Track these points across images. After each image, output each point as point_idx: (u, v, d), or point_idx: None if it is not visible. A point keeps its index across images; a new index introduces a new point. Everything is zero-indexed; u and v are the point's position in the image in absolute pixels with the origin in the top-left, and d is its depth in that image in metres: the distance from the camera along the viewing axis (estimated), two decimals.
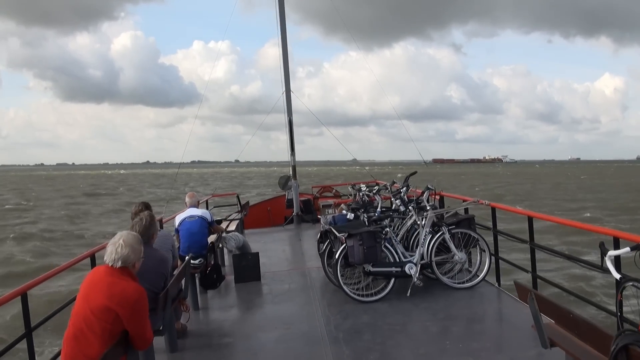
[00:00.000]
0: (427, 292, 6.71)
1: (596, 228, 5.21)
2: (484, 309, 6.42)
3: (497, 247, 7.18)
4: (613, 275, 4.13)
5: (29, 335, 4.50)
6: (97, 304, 3.39)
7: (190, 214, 7.47)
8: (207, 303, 7.23)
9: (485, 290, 6.81)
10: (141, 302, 3.53)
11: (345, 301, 6.59)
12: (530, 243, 6.30)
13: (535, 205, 35.28)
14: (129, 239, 3.67)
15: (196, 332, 5.98)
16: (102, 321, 3.37)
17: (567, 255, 5.79)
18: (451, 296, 6.60)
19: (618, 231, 4.74)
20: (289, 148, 13.96)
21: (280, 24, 13.24)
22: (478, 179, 78.92)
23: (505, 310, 6.27)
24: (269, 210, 15.54)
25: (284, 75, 13.43)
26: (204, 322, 6.46)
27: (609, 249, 4.26)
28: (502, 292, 6.74)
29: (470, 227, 6.95)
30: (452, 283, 6.82)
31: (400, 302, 6.50)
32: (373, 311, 6.24)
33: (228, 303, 7.37)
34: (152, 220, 4.86)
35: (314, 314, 6.35)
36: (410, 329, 5.74)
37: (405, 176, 8.34)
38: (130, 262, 3.61)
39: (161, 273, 4.74)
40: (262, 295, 7.53)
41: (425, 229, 6.85)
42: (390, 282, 6.62)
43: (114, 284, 3.48)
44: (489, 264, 6.98)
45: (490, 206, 7.09)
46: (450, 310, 6.12)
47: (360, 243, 6.39)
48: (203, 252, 7.28)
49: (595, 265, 4.88)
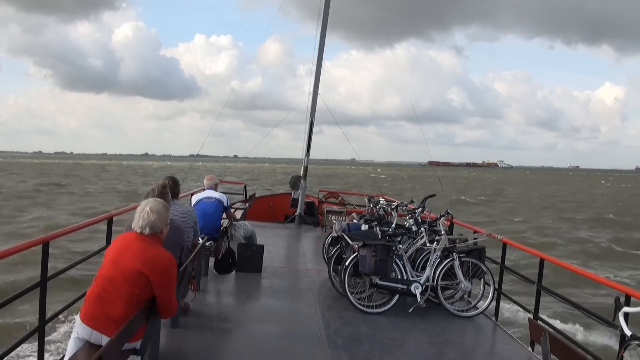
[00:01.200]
0: (426, 313, 6.76)
1: (610, 282, 5.28)
2: (480, 341, 6.48)
3: (501, 282, 7.24)
4: (624, 331, 4.20)
5: (44, 285, 4.54)
6: (129, 268, 3.44)
7: (207, 195, 7.52)
8: (208, 286, 7.28)
9: (483, 323, 6.87)
10: (172, 270, 3.59)
11: (344, 308, 6.65)
12: (537, 284, 6.36)
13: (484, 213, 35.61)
14: (155, 206, 3.70)
15: (197, 312, 6.03)
16: (132, 285, 3.42)
17: (577, 305, 5.85)
18: (449, 322, 6.65)
19: (631, 289, 4.80)
20: (304, 148, 14.02)
21: (322, 29, 13.33)
22: (462, 183, 77.56)
23: (501, 347, 6.33)
24: (271, 206, 15.57)
25: (315, 77, 13.49)
26: (204, 304, 6.51)
27: (623, 305, 4.34)
28: (499, 328, 6.79)
29: (480, 258, 7.01)
30: (453, 310, 6.87)
31: (398, 319, 6.55)
32: (372, 323, 6.29)
33: (229, 290, 7.42)
34: (164, 190, 4.90)
35: (314, 315, 6.40)
36: (408, 347, 5.80)
37: (423, 197, 8.41)
38: (157, 228, 3.64)
39: (177, 242, 4.79)
40: (263, 288, 7.58)
41: (436, 252, 6.91)
42: (394, 298, 6.67)
43: (147, 249, 3.53)
44: (491, 298, 7.04)
45: (502, 241, 7.16)
46: (447, 336, 6.18)
47: (373, 254, 6.45)
48: (215, 235, 7.33)
49: (605, 319, 4.94)
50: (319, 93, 13.49)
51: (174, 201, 5.40)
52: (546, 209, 42.63)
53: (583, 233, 28.65)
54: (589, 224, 32.19)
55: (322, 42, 13.50)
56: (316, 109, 13.71)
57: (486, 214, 36.82)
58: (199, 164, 36.87)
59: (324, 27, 13.32)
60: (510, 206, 45.19)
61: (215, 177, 8.41)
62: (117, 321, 3.36)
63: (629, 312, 4.27)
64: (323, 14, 13.17)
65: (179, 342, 5.18)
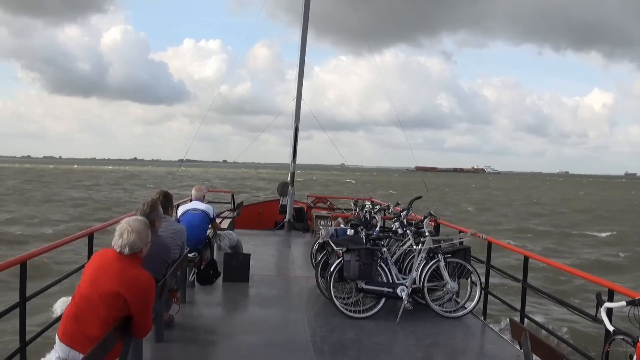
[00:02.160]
0: (413, 316, 6.74)
1: (593, 278, 5.29)
2: (468, 341, 6.46)
3: (487, 282, 7.24)
4: (606, 326, 4.19)
5: (23, 305, 4.49)
6: (106, 289, 3.39)
7: (193, 207, 7.47)
8: (194, 298, 7.23)
9: (471, 323, 6.86)
10: (151, 291, 3.55)
11: (332, 314, 6.62)
12: (522, 282, 6.37)
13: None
14: (136, 225, 3.64)
15: (182, 325, 5.98)
16: (109, 306, 3.37)
17: (560, 300, 5.86)
18: (437, 324, 6.64)
19: (614, 284, 4.82)
20: (291, 154, 14.01)
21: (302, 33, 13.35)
22: (436, 189, 76.91)
23: (489, 346, 6.32)
24: (260, 213, 15.53)
25: (298, 82, 13.49)
26: (189, 316, 6.46)
27: (605, 300, 4.34)
28: (487, 327, 6.79)
29: (465, 258, 7.00)
30: (440, 311, 6.86)
31: (386, 322, 6.53)
32: (359, 328, 6.26)
33: (215, 300, 7.37)
34: (154, 205, 4.85)
35: (300, 323, 6.37)
36: (395, 350, 5.77)
37: (410, 200, 8.40)
38: (137, 248, 3.59)
39: (164, 260, 4.75)
40: (250, 298, 7.53)
41: (421, 254, 6.90)
42: (380, 302, 6.65)
43: (126, 270, 3.47)
44: (479, 298, 7.04)
45: (487, 240, 7.16)
46: (435, 338, 6.16)
47: (357, 259, 6.44)
48: (199, 246, 7.28)
49: (588, 314, 4.95)
50: (302, 99, 13.50)
51: (165, 217, 5.34)
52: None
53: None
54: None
55: (303, 47, 13.52)
56: (303, 114, 13.72)
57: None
58: (179, 170, 35.84)
59: (304, 33, 13.34)
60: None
61: (204, 188, 8.35)
62: (94, 340, 3.31)
63: (610, 307, 4.26)
64: (303, 20, 13.19)
65: (164, 356, 5.13)
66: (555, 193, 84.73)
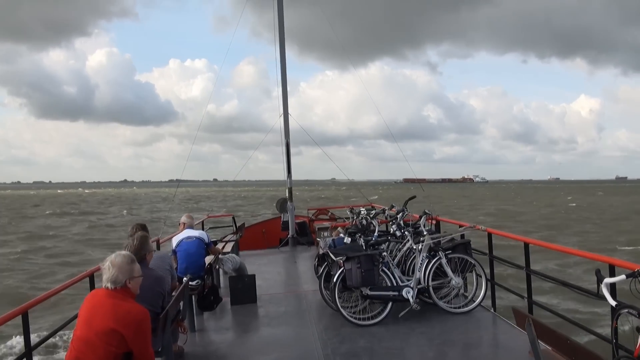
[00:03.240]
0: (423, 316, 6.73)
1: (592, 255, 5.29)
2: (480, 334, 6.44)
3: (492, 273, 7.23)
4: (609, 302, 4.19)
5: (29, 355, 4.49)
6: (102, 327, 3.41)
7: (187, 235, 7.48)
8: (204, 325, 7.21)
9: (481, 316, 6.84)
10: (146, 323, 3.56)
11: (341, 325, 6.60)
12: (526, 269, 6.36)
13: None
14: (116, 260, 3.67)
15: (193, 354, 5.96)
16: (106, 344, 3.39)
17: (563, 282, 5.84)
18: (447, 321, 6.62)
19: (614, 258, 4.81)
20: (285, 170, 14.04)
21: (280, 49, 13.44)
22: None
23: (502, 336, 6.30)
24: (264, 232, 15.53)
25: (282, 99, 13.56)
26: (200, 344, 6.44)
27: (605, 276, 4.33)
28: (498, 318, 6.77)
29: (466, 252, 7.00)
30: (448, 308, 6.84)
31: (397, 326, 6.51)
32: (370, 335, 6.25)
33: (224, 325, 7.35)
34: (143, 240, 4.88)
35: (311, 337, 6.35)
36: (407, 353, 5.75)
37: (404, 201, 8.41)
38: (120, 282, 3.61)
39: (158, 292, 4.75)
40: (259, 318, 7.52)
41: (422, 253, 6.90)
42: (387, 306, 6.64)
43: (118, 305, 3.51)
44: (485, 289, 7.02)
45: (487, 232, 7.16)
46: (446, 336, 6.14)
47: (358, 266, 6.43)
48: (200, 273, 7.28)
49: (591, 292, 4.94)
50: (290, 114, 13.55)
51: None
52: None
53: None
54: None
55: (283, 64, 13.58)
56: (293, 130, 13.78)
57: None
58: (174, 193, 35.09)
59: (282, 49, 13.42)
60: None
61: (193, 217, 8.37)
62: None
63: (610, 282, 4.26)
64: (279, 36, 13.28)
65: None
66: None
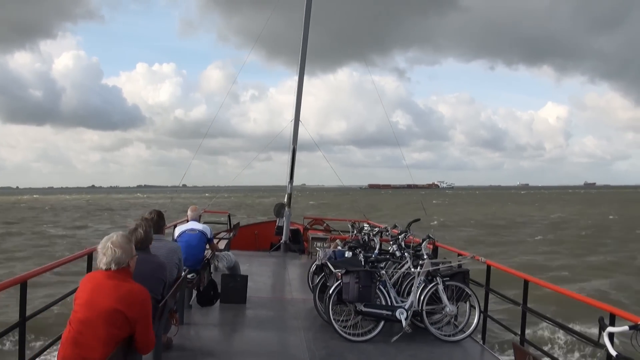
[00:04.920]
0: (412, 339, 6.70)
1: (595, 302, 5.28)
2: None
3: (487, 305, 7.21)
4: (609, 351, 4.19)
5: (22, 325, 4.45)
6: (104, 308, 3.37)
7: (191, 227, 7.45)
8: (192, 319, 7.16)
9: (470, 346, 6.81)
10: (147, 303, 3.56)
11: (330, 337, 6.56)
12: (522, 306, 6.35)
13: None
14: (117, 240, 3.61)
15: (180, 346, 5.92)
16: (110, 326, 3.35)
17: (563, 325, 5.85)
18: (435, 348, 6.59)
19: (616, 308, 4.82)
20: (288, 175, 14.03)
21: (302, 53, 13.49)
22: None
23: None
24: (256, 234, 15.49)
25: (296, 105, 13.59)
26: (187, 338, 6.39)
27: (607, 325, 4.33)
28: (486, 351, 6.75)
29: (464, 281, 6.99)
30: (439, 334, 6.82)
31: (385, 345, 6.48)
32: (358, 351, 6.22)
33: (213, 322, 7.30)
34: (148, 228, 4.85)
35: (299, 346, 6.31)
36: None
37: (408, 222, 8.40)
38: (124, 262, 3.56)
39: (159, 279, 4.72)
40: (247, 319, 7.47)
41: (420, 277, 6.89)
42: (379, 325, 6.61)
43: (119, 286, 3.46)
44: (477, 321, 7.00)
45: (486, 264, 7.16)
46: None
47: (356, 281, 6.41)
48: (197, 267, 7.24)
49: (590, 339, 4.94)
50: (300, 120, 13.58)
51: (158, 236, 5.33)
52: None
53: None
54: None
55: (301, 70, 13.64)
56: (259, 135, 13.89)
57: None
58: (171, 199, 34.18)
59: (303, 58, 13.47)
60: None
61: (199, 208, 8.34)
62: None
63: (613, 332, 4.26)
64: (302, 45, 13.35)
65: None
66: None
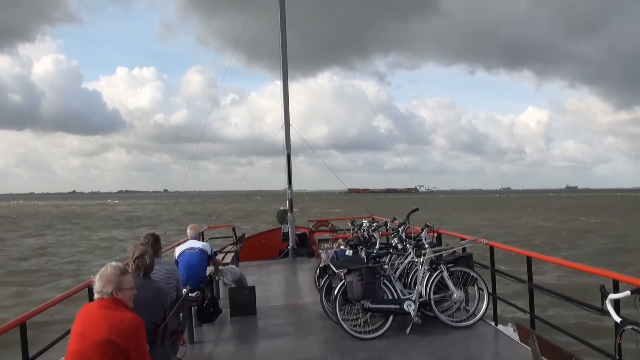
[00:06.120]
0: (424, 330, 6.68)
1: (597, 270, 5.24)
2: (482, 349, 6.38)
3: (494, 286, 7.18)
4: (613, 318, 4.15)
5: None
6: (97, 339, 3.34)
7: (190, 246, 7.43)
8: (203, 337, 7.15)
9: (482, 330, 6.78)
10: (140, 330, 3.51)
11: (342, 338, 6.54)
12: (528, 283, 6.31)
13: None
14: (105, 272, 3.66)
15: None
16: (102, 355, 3.32)
17: (567, 297, 5.80)
18: (448, 335, 6.56)
19: (618, 274, 4.77)
20: (286, 180, 14.03)
21: (282, 59, 13.49)
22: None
23: (503, 351, 6.24)
24: (263, 243, 15.50)
25: (284, 110, 13.60)
26: (199, 357, 6.38)
27: (609, 292, 4.29)
28: (500, 332, 6.71)
29: (468, 265, 6.96)
30: (450, 322, 6.78)
31: (398, 339, 6.45)
32: (371, 349, 6.19)
33: (224, 337, 7.29)
34: (153, 254, 4.84)
35: (311, 350, 6.29)
36: None
37: (407, 213, 8.37)
38: (105, 292, 3.57)
39: (160, 304, 4.69)
40: (258, 330, 7.46)
41: (423, 267, 6.85)
42: (388, 320, 6.58)
43: (111, 315, 3.45)
44: (487, 303, 6.97)
45: (489, 245, 7.12)
46: (448, 350, 6.08)
47: (359, 279, 6.39)
48: (201, 285, 7.23)
49: (595, 307, 4.89)
50: (291, 125, 13.57)
51: (156, 260, 5.30)
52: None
53: None
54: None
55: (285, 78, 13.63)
56: (235, 139, 13.95)
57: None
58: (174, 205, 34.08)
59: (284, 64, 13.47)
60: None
61: (199, 227, 8.33)
62: None
63: (616, 299, 4.22)
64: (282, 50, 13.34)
65: None
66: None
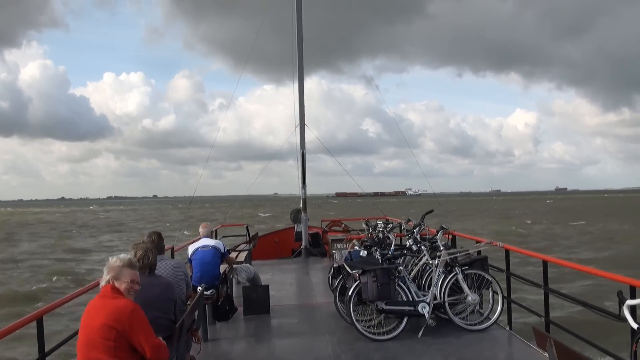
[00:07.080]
0: (438, 332, 6.65)
1: (614, 276, 5.18)
2: (495, 352, 6.35)
3: (509, 290, 7.13)
4: (630, 324, 4.10)
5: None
6: (97, 324, 3.54)
7: (203, 244, 7.48)
8: (216, 334, 7.20)
9: (497, 334, 6.74)
10: (136, 313, 3.65)
11: (356, 339, 6.54)
12: (544, 287, 6.26)
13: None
14: (110, 261, 3.91)
15: None
16: (104, 339, 3.50)
17: (583, 302, 5.75)
18: (462, 338, 6.53)
19: (635, 280, 4.72)
20: (300, 181, 14.07)
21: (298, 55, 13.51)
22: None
23: (517, 355, 6.20)
24: (276, 242, 15.55)
25: (299, 110, 13.62)
26: (213, 354, 6.42)
27: (627, 298, 4.24)
28: (514, 336, 6.66)
29: (483, 268, 6.92)
30: (464, 324, 6.75)
31: (412, 342, 6.44)
32: (385, 350, 6.18)
33: (237, 335, 7.32)
34: (155, 252, 4.91)
35: (324, 350, 6.30)
36: None
37: (422, 215, 8.35)
38: (105, 280, 3.82)
39: (169, 298, 4.72)
40: (272, 329, 7.48)
41: (438, 269, 6.83)
42: (403, 321, 6.56)
43: (106, 303, 3.67)
44: (502, 307, 6.93)
45: (504, 248, 7.07)
46: (462, 353, 6.06)
47: (374, 280, 6.38)
48: (215, 282, 7.27)
49: (612, 313, 4.84)
50: (305, 124, 13.60)
51: (160, 257, 5.36)
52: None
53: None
54: None
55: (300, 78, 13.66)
56: (224, 143, 14.00)
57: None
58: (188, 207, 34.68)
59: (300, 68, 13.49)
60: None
61: (211, 225, 8.38)
62: None
63: (633, 305, 4.17)
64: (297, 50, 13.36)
65: None
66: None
